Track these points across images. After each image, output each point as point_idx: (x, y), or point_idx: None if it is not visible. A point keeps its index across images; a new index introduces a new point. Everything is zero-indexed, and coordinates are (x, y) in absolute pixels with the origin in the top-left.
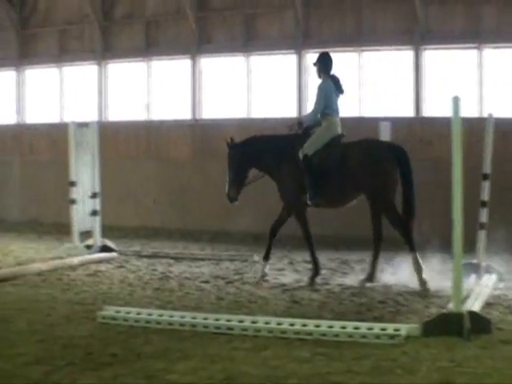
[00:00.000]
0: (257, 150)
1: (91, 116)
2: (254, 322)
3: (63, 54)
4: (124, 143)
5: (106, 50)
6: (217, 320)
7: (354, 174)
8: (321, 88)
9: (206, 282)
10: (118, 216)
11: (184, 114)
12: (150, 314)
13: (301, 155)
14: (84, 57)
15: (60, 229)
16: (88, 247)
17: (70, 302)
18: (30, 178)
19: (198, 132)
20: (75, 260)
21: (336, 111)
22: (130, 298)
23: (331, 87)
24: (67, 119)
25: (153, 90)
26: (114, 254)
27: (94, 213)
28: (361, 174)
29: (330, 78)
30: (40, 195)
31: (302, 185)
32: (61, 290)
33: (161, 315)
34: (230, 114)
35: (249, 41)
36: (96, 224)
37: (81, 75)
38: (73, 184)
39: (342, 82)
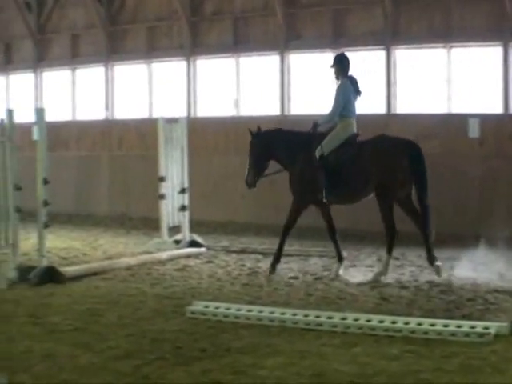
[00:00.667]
0: (277, 142)
1: (180, 112)
2: (343, 319)
3: (152, 50)
4: (212, 139)
5: (194, 46)
6: (306, 316)
7: (365, 171)
8: (339, 89)
9: (295, 277)
10: (206, 211)
11: (272, 109)
12: (239, 310)
13: (317, 155)
14: (172, 53)
15: (148, 224)
16: (177, 242)
17: (159, 296)
18: (118, 173)
19: (287, 128)
20: (164, 255)
21: (353, 113)
22: (219, 293)
23: (349, 89)
24: (156, 115)
25: (241, 85)
26: (202, 249)
27: (182, 208)
28: (371, 171)
29: (349, 80)
30: (129, 190)
31: (313, 183)
32: (150, 284)
33: (250, 310)
34: (319, 109)
35: (337, 37)
36: (185, 219)
37: (169, 71)
38: (162, 179)
39: (359, 83)
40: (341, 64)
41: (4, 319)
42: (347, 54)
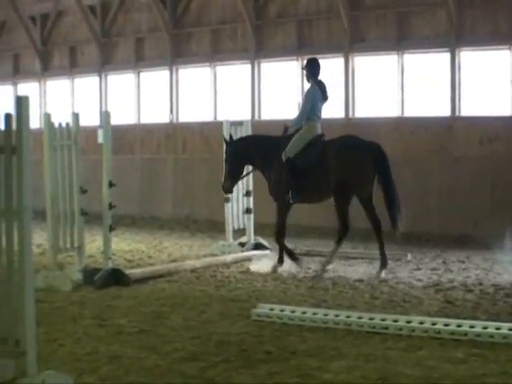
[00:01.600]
0: (252, 149)
1: (244, 115)
2: (408, 322)
3: (216, 53)
4: None
5: (258, 49)
6: (371, 319)
7: (329, 170)
8: (308, 94)
9: (360, 280)
10: (270, 214)
11: (336, 112)
12: (304, 312)
13: (284, 158)
14: (237, 56)
15: (213, 226)
16: (241, 245)
17: (224, 298)
18: (182, 175)
19: (351, 130)
20: (229, 257)
21: (318, 116)
22: (284, 296)
23: (317, 93)
24: (220, 118)
25: (305, 88)
26: (266, 252)
27: (247, 211)
28: (334, 169)
29: (318, 84)
30: (193, 193)
31: (285, 184)
32: (215, 286)
33: (315, 313)
34: (383, 112)
35: (401, 39)
36: (249, 222)
37: (233, 74)
38: None
39: (328, 88)
40: (312, 68)
41: (70, 321)
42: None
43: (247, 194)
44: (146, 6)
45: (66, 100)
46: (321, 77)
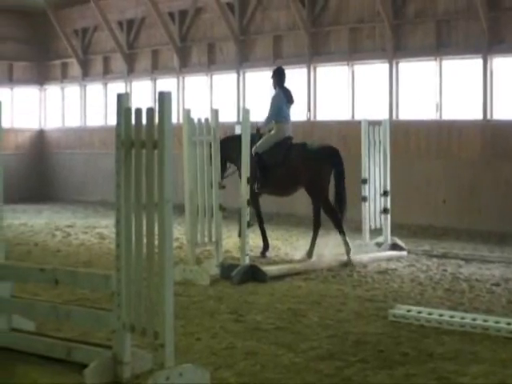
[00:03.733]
0: (228, 148)
1: (381, 114)
2: None
3: (353, 52)
4: (414, 142)
5: (396, 48)
6: (509, 324)
7: (293, 170)
8: (273, 99)
9: (497, 284)
10: (407, 214)
11: (475, 114)
12: (441, 315)
13: (253, 153)
14: (374, 55)
15: (349, 225)
16: (378, 245)
17: (361, 298)
18: None
19: (489, 132)
20: (365, 257)
21: (286, 118)
22: (421, 298)
23: (282, 98)
24: (358, 117)
25: (443, 89)
26: (403, 253)
27: (384, 211)
28: (298, 170)
29: (282, 90)
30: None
31: (252, 176)
32: (351, 286)
33: (452, 316)
34: None
35: None
36: (386, 222)
37: (371, 73)
38: (365, 182)
39: (292, 93)
40: (279, 77)
41: (207, 315)
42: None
43: (384, 193)
44: (284, 4)
45: (204, 96)
46: (286, 84)
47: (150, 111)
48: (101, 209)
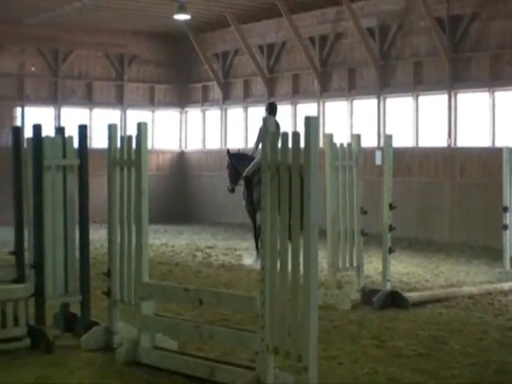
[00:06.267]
0: (238, 161)
1: None
2: None
3: (495, 78)
4: None
5: None
6: None
7: None
8: (260, 130)
9: None
10: None
11: None
12: None
13: (244, 175)
14: None
15: (490, 253)
16: None
17: (502, 327)
18: (459, 200)
19: None
20: (506, 285)
21: None
22: None
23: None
24: (499, 144)
25: None
26: None
27: None
28: None
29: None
30: (469, 219)
31: (243, 194)
32: (492, 314)
33: None
34: None
35: None
36: None
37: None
38: (506, 209)
39: (280, 126)
40: (271, 110)
41: (349, 339)
42: None
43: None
44: (425, 30)
45: (343, 121)
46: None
47: (297, 135)
48: (241, 231)
